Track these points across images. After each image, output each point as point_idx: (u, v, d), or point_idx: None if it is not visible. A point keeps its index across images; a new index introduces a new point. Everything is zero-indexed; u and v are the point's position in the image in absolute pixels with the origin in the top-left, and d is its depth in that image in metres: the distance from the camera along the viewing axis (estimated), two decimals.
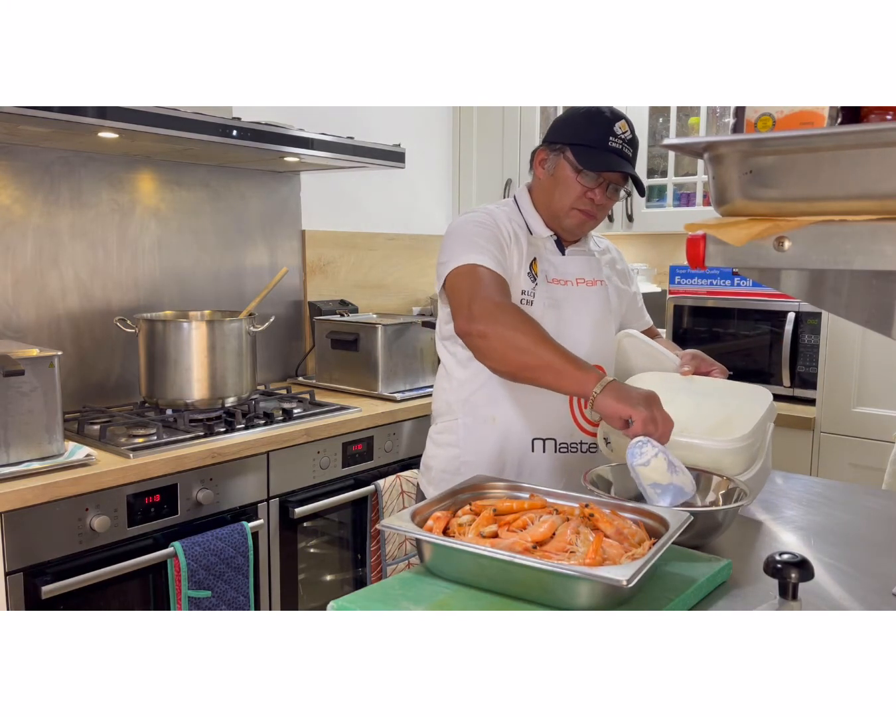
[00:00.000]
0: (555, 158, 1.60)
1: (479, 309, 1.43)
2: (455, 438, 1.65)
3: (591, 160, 1.54)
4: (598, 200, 1.57)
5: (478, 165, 3.36)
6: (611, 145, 1.54)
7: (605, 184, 1.57)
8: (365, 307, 3.02)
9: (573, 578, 0.94)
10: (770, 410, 1.46)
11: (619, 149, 1.55)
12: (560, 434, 1.61)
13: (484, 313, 1.42)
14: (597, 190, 1.57)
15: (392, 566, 2.26)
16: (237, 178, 2.63)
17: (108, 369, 2.34)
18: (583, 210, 1.59)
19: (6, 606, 1.59)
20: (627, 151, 1.56)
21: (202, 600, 1.84)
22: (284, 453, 2.09)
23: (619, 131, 1.55)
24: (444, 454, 1.68)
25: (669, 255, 3.14)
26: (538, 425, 1.60)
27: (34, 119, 1.69)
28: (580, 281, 1.65)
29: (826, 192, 0.82)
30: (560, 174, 1.59)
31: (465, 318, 1.45)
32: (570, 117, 1.62)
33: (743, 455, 1.34)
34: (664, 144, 0.96)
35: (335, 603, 0.99)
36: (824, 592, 1.09)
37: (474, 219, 1.59)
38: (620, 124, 1.55)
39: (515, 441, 1.61)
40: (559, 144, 1.59)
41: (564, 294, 1.62)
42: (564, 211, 1.60)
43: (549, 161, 1.61)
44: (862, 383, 2.29)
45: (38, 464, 1.67)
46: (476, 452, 1.62)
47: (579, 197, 1.57)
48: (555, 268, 1.63)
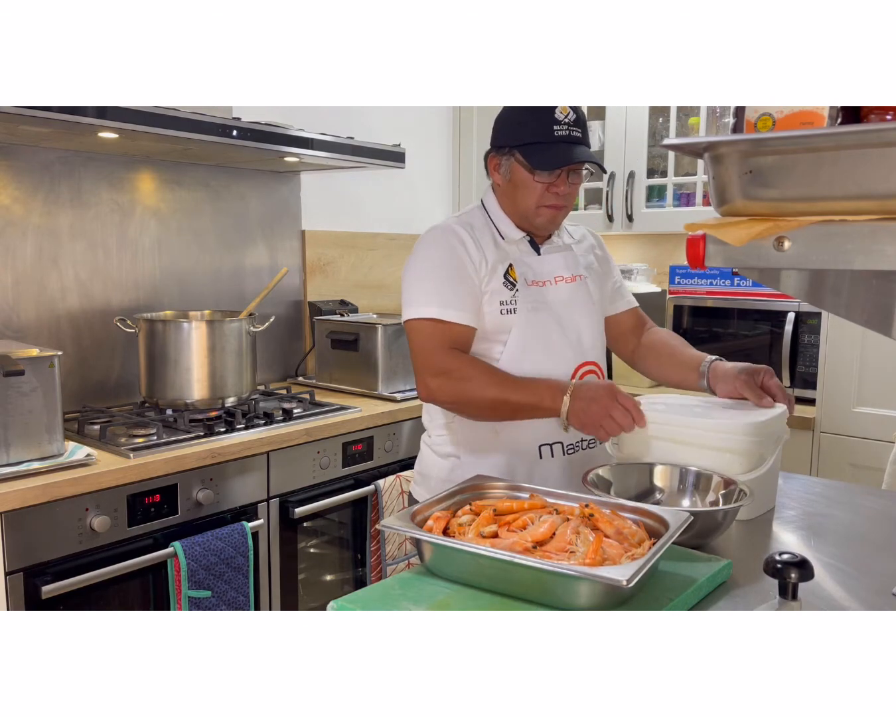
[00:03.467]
0: (507, 161, 1.55)
1: (433, 380, 1.51)
2: (457, 449, 1.61)
3: (541, 159, 1.49)
4: (561, 191, 1.53)
5: (478, 165, 3.36)
6: (557, 135, 1.48)
7: (566, 173, 1.52)
8: (365, 307, 3.02)
9: (573, 578, 0.94)
10: (782, 417, 1.44)
11: (566, 135, 1.49)
12: (566, 437, 1.57)
13: (436, 384, 1.50)
14: (558, 182, 1.52)
15: (392, 566, 2.26)
16: (237, 178, 2.63)
17: (108, 369, 2.34)
18: (550, 206, 1.54)
19: (6, 606, 1.59)
20: (576, 133, 1.50)
21: (202, 600, 1.84)
22: (284, 453, 2.08)
23: (562, 117, 1.49)
24: (446, 465, 1.63)
25: (669, 255, 3.14)
26: (543, 431, 1.56)
27: (34, 119, 1.69)
28: (559, 279, 1.61)
29: (826, 192, 0.82)
30: (516, 177, 1.54)
31: (420, 386, 1.54)
32: (509, 115, 1.56)
33: (748, 447, 1.34)
34: (664, 144, 0.96)
35: (335, 603, 0.99)
36: (824, 592, 1.09)
37: (437, 251, 1.55)
38: (561, 108, 1.49)
39: (522, 451, 1.57)
40: (507, 146, 1.54)
41: (546, 295, 1.58)
42: (531, 211, 1.55)
43: (503, 165, 1.56)
44: (862, 383, 2.29)
45: (38, 464, 1.67)
46: (482, 465, 1.54)
47: (542, 194, 1.53)
48: (532, 269, 1.59)
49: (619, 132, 2.94)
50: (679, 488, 1.36)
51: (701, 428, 1.37)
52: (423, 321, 1.52)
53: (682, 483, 1.36)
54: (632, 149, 2.92)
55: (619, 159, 2.95)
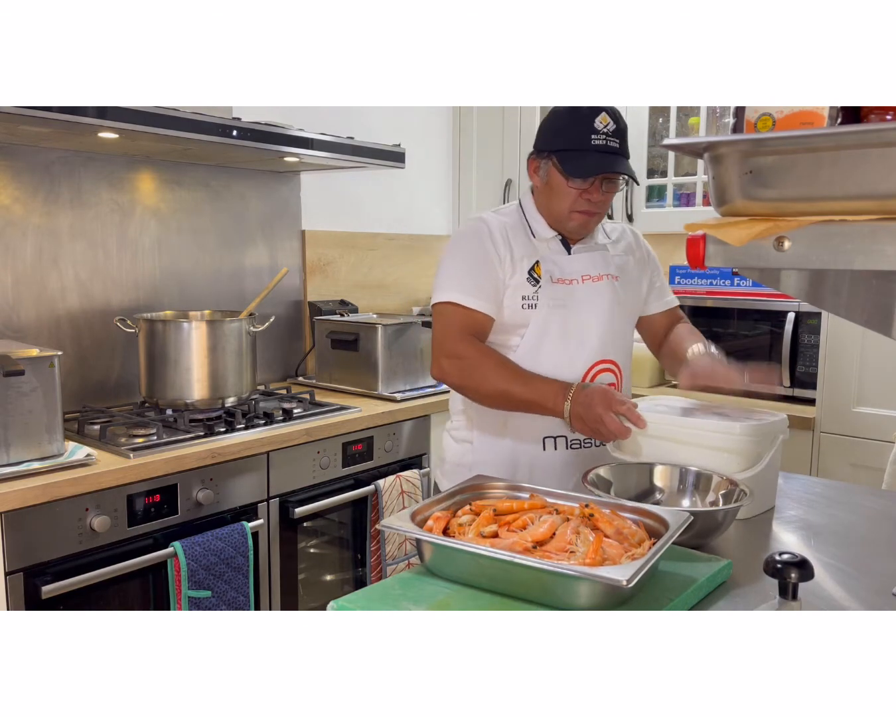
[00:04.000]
0: (545, 165, 1.59)
1: (445, 361, 1.59)
2: (469, 435, 1.70)
3: (576, 166, 1.53)
4: (594, 198, 1.56)
5: (478, 165, 3.36)
6: (594, 144, 1.51)
7: (600, 181, 1.55)
8: (365, 307, 3.02)
9: (573, 578, 0.94)
10: (782, 423, 1.44)
11: (603, 145, 1.52)
12: (570, 432, 1.61)
13: (448, 365, 1.59)
14: (592, 190, 1.56)
15: (392, 566, 2.26)
16: (237, 178, 2.63)
17: (108, 369, 2.34)
18: (582, 211, 1.58)
19: (6, 606, 1.59)
20: (613, 143, 1.53)
21: (202, 600, 1.84)
22: (284, 453, 2.08)
23: (601, 126, 1.51)
24: (459, 449, 1.73)
25: (669, 255, 3.13)
26: (548, 425, 1.61)
27: (34, 119, 1.69)
28: (586, 278, 1.64)
29: (826, 192, 0.82)
30: (552, 181, 1.58)
31: (434, 365, 1.62)
32: (551, 120, 1.60)
33: (745, 446, 1.34)
34: (664, 144, 0.96)
35: (335, 603, 0.99)
36: (824, 592, 1.09)
37: (467, 242, 1.63)
38: (601, 118, 1.52)
39: (526, 442, 1.63)
40: (545, 151, 1.59)
41: (569, 293, 1.61)
42: (564, 215, 1.59)
43: (541, 168, 1.61)
44: (862, 383, 2.29)
45: (38, 464, 1.67)
46: (489, 451, 1.66)
47: (575, 200, 1.56)
48: (559, 268, 1.62)
49: None
50: (679, 488, 1.36)
51: (700, 428, 1.38)
52: (445, 305, 1.60)
53: (682, 483, 1.36)
54: (632, 149, 2.90)
55: None
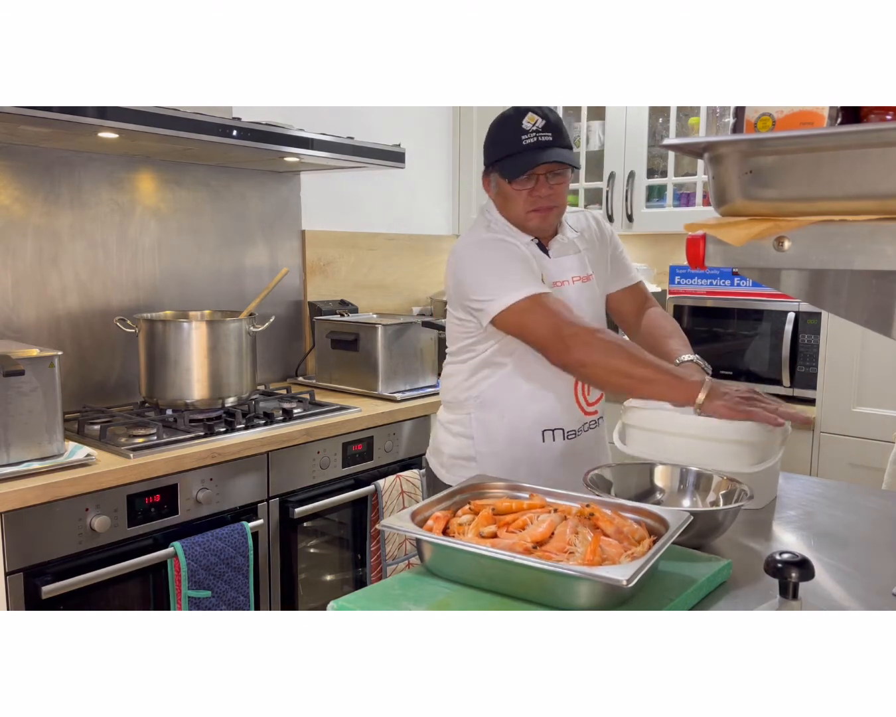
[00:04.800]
0: (493, 178, 1.65)
1: (571, 340, 1.48)
2: (468, 430, 1.70)
3: (512, 168, 1.57)
4: (543, 193, 1.59)
5: (478, 165, 3.35)
6: (525, 143, 1.55)
7: (543, 176, 1.58)
8: (365, 307, 3.02)
9: (573, 578, 0.94)
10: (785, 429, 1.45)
11: (534, 142, 1.55)
12: (568, 424, 1.67)
13: (577, 343, 1.47)
14: (538, 186, 1.58)
15: (392, 566, 2.26)
16: (237, 178, 2.63)
17: (108, 369, 2.34)
18: (536, 209, 1.61)
19: (6, 606, 1.59)
20: (545, 138, 1.56)
21: (202, 600, 1.84)
22: (284, 453, 2.09)
23: (529, 126, 1.55)
24: (456, 443, 1.72)
25: (669, 255, 3.14)
26: (546, 418, 1.65)
27: (34, 119, 1.69)
28: (576, 279, 1.68)
29: (826, 192, 0.82)
30: (502, 190, 1.63)
31: (558, 351, 1.50)
32: (488, 135, 1.64)
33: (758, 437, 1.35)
34: (664, 144, 0.96)
35: (335, 603, 0.99)
36: (824, 592, 1.09)
37: (493, 249, 1.60)
38: (528, 118, 1.56)
39: (525, 434, 1.65)
40: (488, 165, 1.64)
41: (565, 294, 1.63)
42: (522, 217, 1.62)
43: (491, 182, 1.66)
44: (862, 383, 2.29)
45: (38, 464, 1.67)
46: (488, 443, 1.67)
47: (526, 200, 1.60)
48: (549, 271, 1.65)
49: (619, 132, 2.94)
50: (679, 488, 1.36)
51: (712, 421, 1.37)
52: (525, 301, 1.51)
53: (682, 483, 1.36)
54: (632, 149, 2.92)
55: (619, 159, 2.95)
